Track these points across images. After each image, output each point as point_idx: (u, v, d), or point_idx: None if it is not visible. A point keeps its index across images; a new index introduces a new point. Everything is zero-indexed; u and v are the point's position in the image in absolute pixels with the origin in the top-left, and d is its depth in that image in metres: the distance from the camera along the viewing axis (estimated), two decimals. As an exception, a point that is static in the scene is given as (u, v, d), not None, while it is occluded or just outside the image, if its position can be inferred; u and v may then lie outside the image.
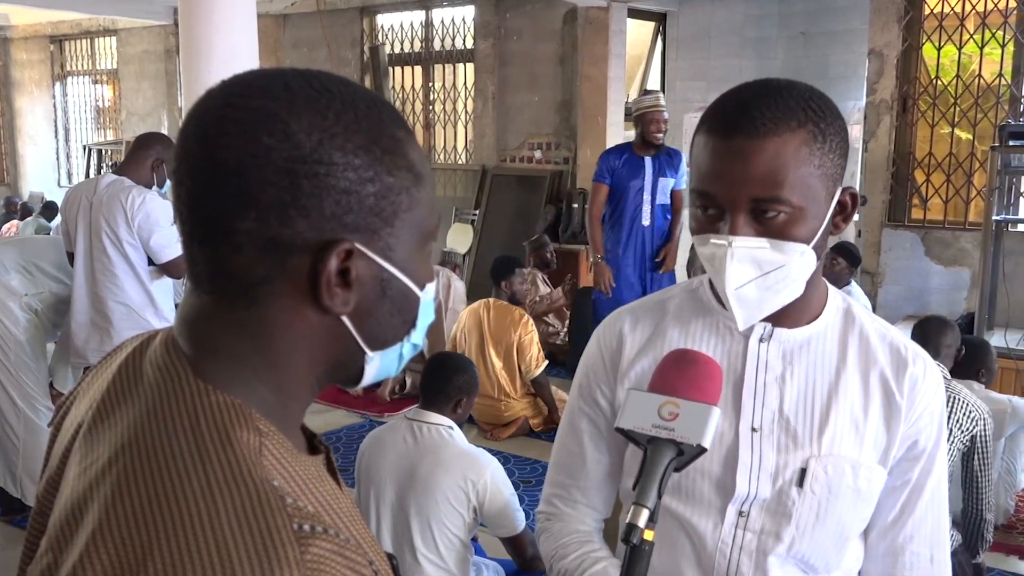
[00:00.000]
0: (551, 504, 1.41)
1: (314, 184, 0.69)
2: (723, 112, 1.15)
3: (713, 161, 1.14)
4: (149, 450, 0.67)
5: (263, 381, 0.73)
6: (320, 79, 0.73)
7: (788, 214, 1.12)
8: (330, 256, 0.70)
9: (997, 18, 6.46)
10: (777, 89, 1.14)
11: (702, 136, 1.16)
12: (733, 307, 1.17)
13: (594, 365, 1.37)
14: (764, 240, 1.13)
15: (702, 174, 1.16)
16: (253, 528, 0.63)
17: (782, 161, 1.10)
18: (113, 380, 0.76)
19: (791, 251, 1.14)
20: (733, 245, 1.13)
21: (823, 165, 1.13)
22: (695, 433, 0.98)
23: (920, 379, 1.25)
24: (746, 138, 1.11)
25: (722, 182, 1.13)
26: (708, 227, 1.17)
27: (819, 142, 1.12)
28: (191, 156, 0.71)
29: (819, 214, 1.15)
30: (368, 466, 2.82)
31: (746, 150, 1.11)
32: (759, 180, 1.11)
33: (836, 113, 1.16)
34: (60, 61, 12.52)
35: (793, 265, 1.15)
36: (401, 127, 0.76)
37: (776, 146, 1.10)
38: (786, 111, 1.12)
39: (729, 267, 1.14)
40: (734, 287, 1.15)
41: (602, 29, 7.78)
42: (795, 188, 1.11)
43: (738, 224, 1.13)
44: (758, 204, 1.12)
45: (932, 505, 1.28)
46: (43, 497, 0.80)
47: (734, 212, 1.13)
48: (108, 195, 3.61)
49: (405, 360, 0.82)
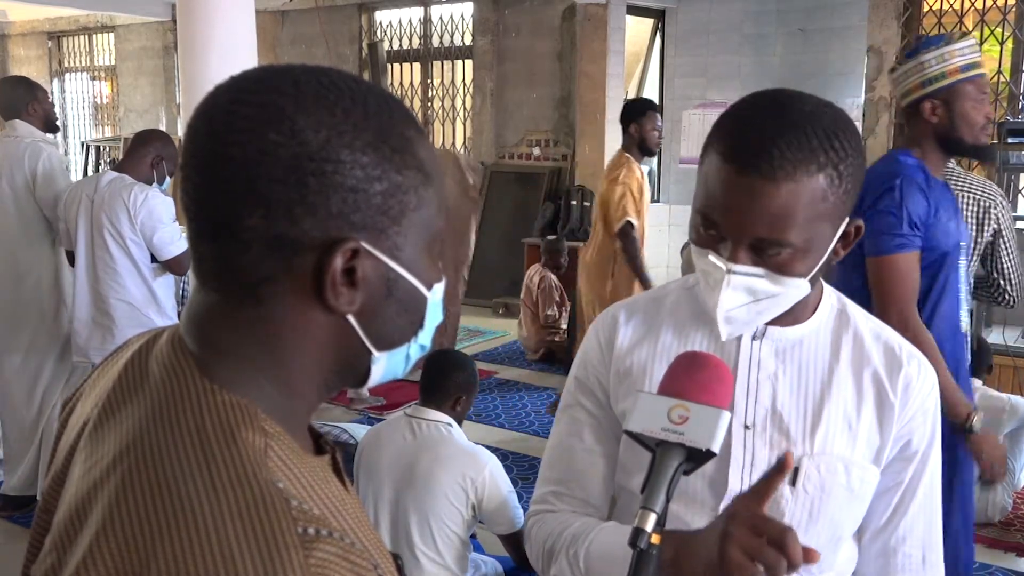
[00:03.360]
0: (545, 502, 1.37)
1: (321, 182, 0.68)
2: (742, 142, 1.11)
3: (722, 192, 1.11)
4: (154, 450, 0.67)
5: (269, 380, 0.72)
6: (330, 75, 0.72)
7: (790, 254, 1.12)
8: (335, 255, 0.69)
9: (996, 15, 6.46)
10: (801, 121, 1.09)
11: (715, 159, 1.13)
12: (720, 325, 1.17)
13: (592, 357, 1.36)
14: (762, 270, 1.13)
15: (710, 199, 1.13)
16: (257, 531, 0.62)
17: (793, 207, 1.08)
18: (119, 378, 0.76)
19: (788, 284, 1.14)
20: (731, 273, 1.12)
21: (835, 205, 1.11)
22: (705, 437, 0.96)
23: (914, 379, 1.25)
24: (760, 177, 1.08)
25: (728, 216, 1.11)
26: (708, 244, 1.16)
27: (835, 186, 1.10)
28: (199, 152, 0.70)
29: (821, 249, 1.14)
30: (367, 463, 2.82)
31: (758, 190, 1.08)
32: (766, 223, 1.09)
33: (857, 147, 1.13)
34: (58, 57, 12.49)
35: (787, 295, 1.15)
36: (412, 126, 0.75)
37: (790, 191, 1.08)
38: (808, 153, 1.08)
39: (724, 293, 1.13)
40: (725, 311, 1.15)
41: (601, 26, 7.77)
42: (801, 231, 1.10)
43: (739, 254, 1.12)
44: (760, 242, 1.11)
45: (925, 506, 1.28)
46: (48, 495, 0.80)
47: (736, 243, 1.12)
48: (110, 193, 3.61)
49: (412, 361, 0.81)
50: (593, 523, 1.29)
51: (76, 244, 3.68)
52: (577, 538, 1.26)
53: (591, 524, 1.28)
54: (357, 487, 2.85)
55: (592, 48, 7.86)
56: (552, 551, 1.30)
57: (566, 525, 1.30)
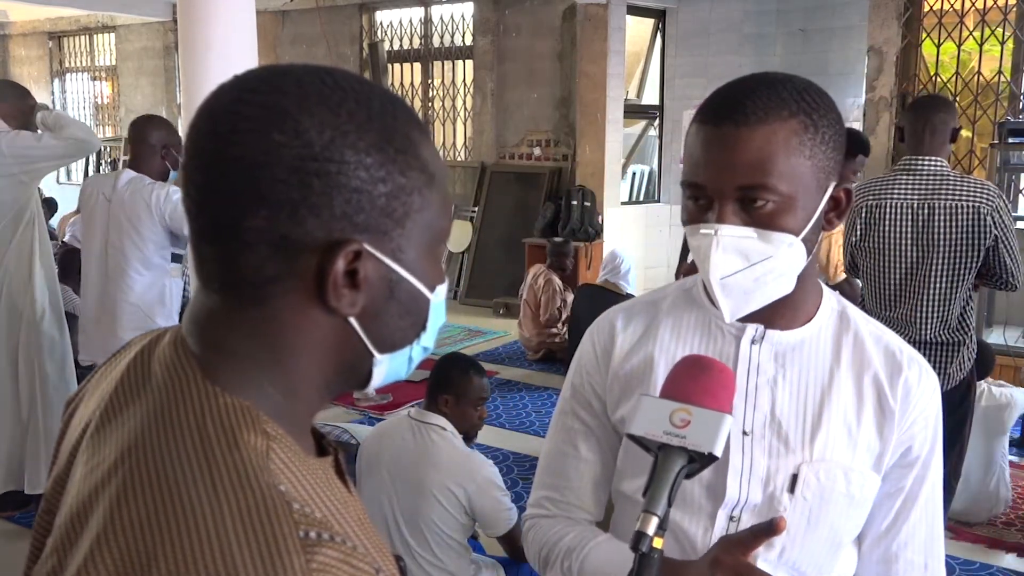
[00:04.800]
0: (541, 506, 1.37)
1: (325, 182, 0.68)
2: (715, 102, 1.14)
3: (702, 150, 1.13)
4: (155, 452, 0.66)
5: (271, 382, 0.72)
6: (334, 76, 0.72)
7: (776, 203, 1.11)
8: (338, 256, 0.69)
9: (996, 15, 6.46)
10: (772, 81, 1.14)
11: (694, 126, 1.15)
12: (718, 297, 1.15)
13: (587, 364, 1.35)
14: (751, 230, 1.12)
15: (692, 164, 1.15)
16: (258, 534, 0.62)
17: (771, 149, 1.09)
18: (121, 379, 0.76)
19: (778, 241, 1.12)
20: (719, 234, 1.11)
21: (814, 156, 1.12)
22: (707, 441, 0.96)
23: (915, 384, 1.23)
24: (735, 126, 1.10)
25: (710, 170, 1.12)
26: (697, 217, 1.15)
27: (811, 132, 1.11)
28: (201, 152, 0.70)
29: (809, 206, 1.13)
30: (369, 462, 2.82)
31: (734, 137, 1.10)
32: (746, 168, 1.10)
33: (831, 107, 1.15)
34: (59, 57, 12.49)
35: (781, 256, 1.13)
36: (416, 127, 0.74)
37: (765, 134, 1.09)
38: (778, 101, 1.11)
39: (714, 256, 1.12)
40: (719, 276, 1.13)
41: (601, 26, 7.77)
42: (783, 177, 1.10)
43: (725, 213, 1.12)
44: (745, 193, 1.11)
45: (926, 513, 1.26)
46: (50, 496, 0.80)
47: (721, 201, 1.12)
48: (129, 193, 3.58)
49: (416, 363, 0.81)
50: (588, 535, 1.29)
51: (88, 243, 3.66)
52: (572, 551, 1.27)
53: (586, 537, 1.28)
54: (360, 487, 2.85)
55: (592, 48, 7.85)
56: (547, 560, 1.31)
57: (561, 535, 1.30)
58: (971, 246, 3.01)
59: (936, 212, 3.04)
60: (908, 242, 3.10)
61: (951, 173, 3.09)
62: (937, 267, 3.05)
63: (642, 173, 9.01)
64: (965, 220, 3.00)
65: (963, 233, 3.01)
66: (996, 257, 3.05)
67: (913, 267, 3.10)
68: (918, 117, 3.15)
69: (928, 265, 3.07)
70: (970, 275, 3.07)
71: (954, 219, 3.01)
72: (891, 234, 3.13)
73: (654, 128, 8.85)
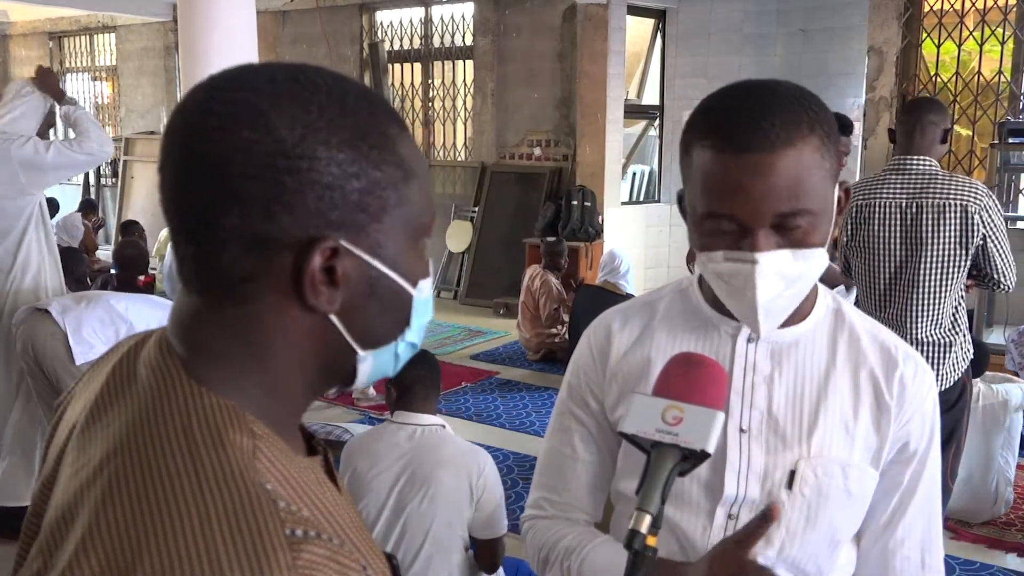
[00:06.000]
0: (539, 507, 1.37)
1: (297, 179, 0.67)
2: (727, 125, 1.10)
3: (729, 179, 1.09)
4: (141, 452, 0.66)
5: (254, 382, 0.71)
6: (308, 73, 0.71)
7: (809, 222, 1.10)
8: (314, 253, 0.68)
9: (997, 15, 6.46)
10: (777, 94, 1.11)
11: (708, 152, 1.11)
12: (760, 321, 1.14)
13: (584, 365, 1.35)
14: (787, 252, 1.11)
15: (716, 193, 1.11)
16: (244, 532, 0.62)
17: (801, 172, 1.08)
18: (107, 381, 0.75)
19: (811, 257, 1.12)
20: (760, 263, 1.10)
21: (830, 166, 1.12)
22: (699, 438, 0.96)
23: (910, 380, 1.23)
24: (763, 153, 1.07)
25: (742, 200, 1.09)
26: (725, 244, 1.13)
27: (825, 144, 1.10)
28: (174, 150, 0.70)
29: (829, 213, 1.14)
30: (358, 475, 2.75)
31: (764, 165, 1.07)
32: (782, 194, 1.08)
33: (827, 109, 1.14)
34: (59, 58, 12.50)
35: (814, 271, 1.14)
36: (393, 122, 0.74)
37: (794, 157, 1.07)
38: (794, 117, 1.08)
39: (760, 284, 1.11)
40: (764, 302, 1.12)
41: (601, 26, 7.77)
42: (814, 195, 1.09)
43: (762, 240, 1.10)
44: (782, 218, 1.09)
45: (924, 508, 1.26)
46: (38, 498, 0.80)
47: (755, 227, 1.10)
48: None
49: (402, 360, 0.80)
50: (587, 537, 1.29)
51: None
52: (571, 552, 1.28)
53: (585, 538, 1.29)
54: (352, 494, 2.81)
55: (593, 48, 7.85)
56: (547, 560, 1.32)
57: (560, 536, 1.31)
58: (960, 245, 3.02)
59: (924, 211, 3.04)
60: (897, 242, 3.11)
61: (940, 172, 3.09)
62: (926, 266, 3.06)
63: (642, 173, 9.01)
64: (953, 219, 3.01)
65: (951, 232, 3.01)
66: (986, 256, 3.05)
67: (902, 266, 3.11)
68: (909, 118, 3.16)
69: (917, 264, 3.07)
70: (960, 274, 3.07)
71: (942, 218, 3.02)
72: (880, 234, 3.13)
73: (654, 128, 8.85)
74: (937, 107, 3.23)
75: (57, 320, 3.47)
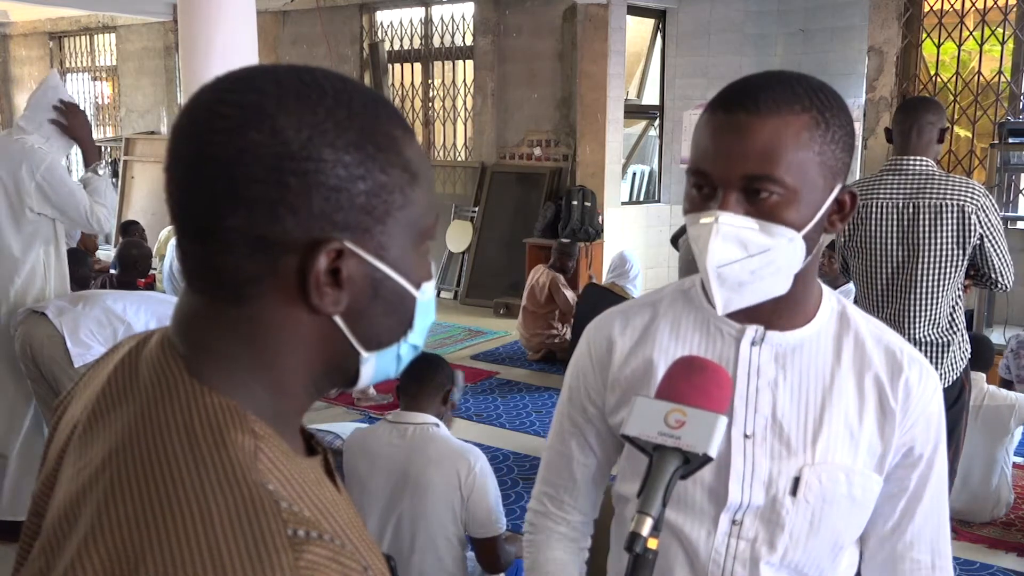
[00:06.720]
0: (540, 503, 1.42)
1: (303, 181, 0.67)
2: (729, 93, 1.14)
3: (711, 137, 1.12)
4: (143, 452, 0.66)
5: (257, 382, 0.72)
6: (314, 75, 0.72)
7: (780, 195, 1.09)
8: (319, 255, 0.69)
9: (997, 15, 6.46)
10: (787, 77, 1.14)
11: (704, 115, 1.15)
12: (713, 287, 1.14)
13: (583, 369, 1.35)
14: (752, 220, 1.10)
15: (699, 151, 1.14)
16: (247, 533, 0.62)
17: (780, 140, 1.08)
18: (109, 380, 0.75)
19: (779, 235, 1.11)
20: (719, 221, 1.10)
21: (823, 153, 1.11)
22: (701, 442, 0.96)
23: (916, 384, 1.22)
24: (747, 114, 1.09)
25: (717, 157, 1.11)
26: (700, 206, 1.14)
27: (821, 129, 1.10)
28: (181, 152, 0.70)
29: (814, 203, 1.12)
30: (355, 472, 2.78)
31: (744, 125, 1.09)
32: (754, 156, 1.09)
33: (844, 108, 1.14)
34: (59, 58, 12.50)
35: (780, 250, 1.11)
36: (398, 125, 0.74)
37: (776, 125, 1.09)
38: (792, 95, 1.10)
39: (712, 243, 1.11)
40: (716, 264, 1.12)
41: (601, 26, 7.77)
42: (790, 169, 1.09)
43: (728, 201, 1.10)
44: (751, 182, 1.09)
45: (932, 512, 1.26)
46: (38, 498, 0.80)
47: (726, 189, 1.10)
48: None
49: (405, 361, 0.80)
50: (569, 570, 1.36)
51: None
52: None
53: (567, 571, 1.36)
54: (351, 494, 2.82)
55: (593, 48, 7.85)
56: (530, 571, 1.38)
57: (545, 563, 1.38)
58: (957, 245, 3.02)
59: (921, 211, 3.05)
60: (894, 242, 3.11)
61: (937, 172, 3.09)
62: (923, 266, 3.06)
63: (642, 173, 9.01)
64: (950, 218, 3.01)
65: (948, 232, 3.01)
66: (983, 256, 3.06)
67: (900, 266, 3.11)
68: (906, 118, 3.16)
69: (914, 264, 3.07)
70: (957, 274, 3.07)
71: (939, 218, 3.02)
72: (877, 234, 3.14)
73: (654, 128, 8.85)
74: (934, 107, 3.23)
75: (54, 323, 3.46)
